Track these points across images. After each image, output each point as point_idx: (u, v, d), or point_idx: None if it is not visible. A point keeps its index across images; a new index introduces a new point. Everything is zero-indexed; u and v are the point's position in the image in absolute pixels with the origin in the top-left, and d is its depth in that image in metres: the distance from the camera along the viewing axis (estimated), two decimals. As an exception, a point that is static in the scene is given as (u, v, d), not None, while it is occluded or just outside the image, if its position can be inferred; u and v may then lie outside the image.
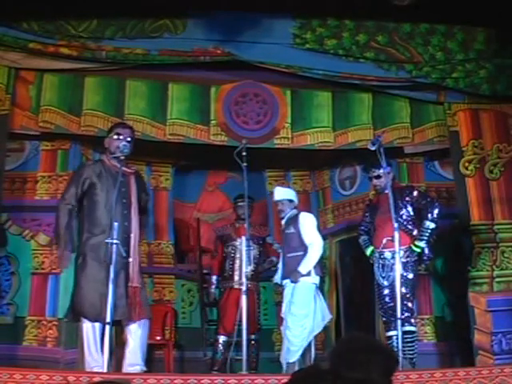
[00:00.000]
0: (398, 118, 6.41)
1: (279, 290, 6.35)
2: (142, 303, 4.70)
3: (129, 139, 4.88)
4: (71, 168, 6.35)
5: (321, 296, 5.77)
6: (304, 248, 5.66)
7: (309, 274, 5.60)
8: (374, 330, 6.53)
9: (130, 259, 4.69)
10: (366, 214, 5.89)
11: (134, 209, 4.80)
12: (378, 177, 5.64)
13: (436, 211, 5.53)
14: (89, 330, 4.58)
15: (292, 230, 5.75)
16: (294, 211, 5.89)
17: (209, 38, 6.01)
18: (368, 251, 5.72)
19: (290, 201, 5.91)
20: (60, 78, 6.10)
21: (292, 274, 5.58)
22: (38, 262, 6.16)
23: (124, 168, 4.83)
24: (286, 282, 5.66)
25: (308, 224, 5.76)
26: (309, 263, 5.59)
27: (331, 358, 2.37)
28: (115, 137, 4.87)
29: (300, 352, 5.45)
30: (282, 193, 5.95)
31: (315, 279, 5.65)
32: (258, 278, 6.27)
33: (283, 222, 5.88)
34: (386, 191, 5.48)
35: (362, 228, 5.88)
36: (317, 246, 5.66)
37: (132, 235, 4.75)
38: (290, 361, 5.43)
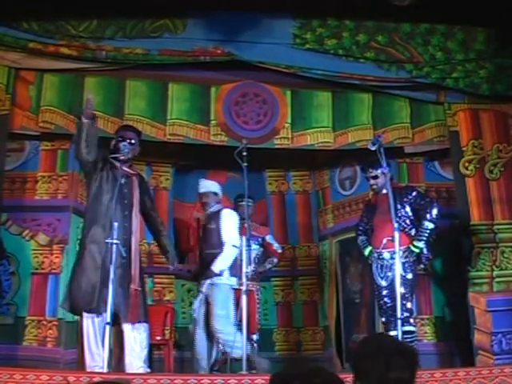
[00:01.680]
0: (398, 118, 6.42)
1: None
2: (140, 305, 4.70)
3: (132, 141, 4.91)
4: (71, 168, 6.35)
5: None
6: (222, 246, 5.60)
7: (221, 274, 5.53)
8: (373, 330, 6.53)
9: (132, 260, 4.70)
10: (364, 215, 5.87)
11: (135, 210, 4.81)
12: (375, 177, 5.61)
13: (435, 211, 5.52)
14: (89, 325, 4.60)
15: (213, 225, 5.68)
16: (218, 206, 5.84)
17: (209, 38, 6.02)
18: (366, 251, 5.68)
19: (215, 194, 5.85)
20: (60, 77, 6.10)
21: (207, 271, 5.51)
22: (38, 262, 6.16)
23: (125, 169, 4.84)
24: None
25: (229, 222, 5.69)
26: (222, 262, 5.53)
27: (354, 359, 2.36)
28: (119, 138, 4.91)
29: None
30: (206, 185, 5.89)
31: (230, 280, 5.59)
32: (258, 278, 6.26)
33: (205, 215, 5.79)
34: (384, 191, 5.47)
35: (360, 228, 5.85)
36: (232, 247, 5.58)
37: (133, 237, 4.75)
38: (237, 356, 5.31)
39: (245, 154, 5.34)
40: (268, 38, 6.05)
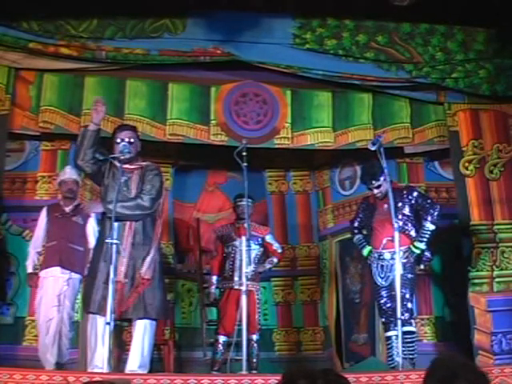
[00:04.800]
0: (398, 118, 6.42)
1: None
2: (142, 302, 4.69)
3: (131, 140, 4.86)
4: (71, 168, 6.36)
5: None
6: (84, 243, 5.59)
7: None
8: (373, 330, 6.54)
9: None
10: (360, 213, 5.83)
11: None
12: (379, 186, 5.57)
13: (436, 213, 5.52)
14: (92, 325, 4.59)
15: (80, 219, 5.61)
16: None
17: (209, 38, 6.02)
18: (365, 251, 5.65)
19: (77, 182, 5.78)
20: (60, 77, 6.11)
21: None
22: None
23: (126, 166, 4.81)
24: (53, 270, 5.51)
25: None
26: None
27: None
28: (117, 140, 4.86)
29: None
30: (70, 172, 5.76)
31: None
32: (258, 278, 6.26)
33: (72, 206, 5.68)
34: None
35: (356, 226, 5.81)
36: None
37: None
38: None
39: (245, 153, 5.34)
40: (268, 38, 6.06)
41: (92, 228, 5.68)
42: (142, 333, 4.68)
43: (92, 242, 5.52)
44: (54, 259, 5.54)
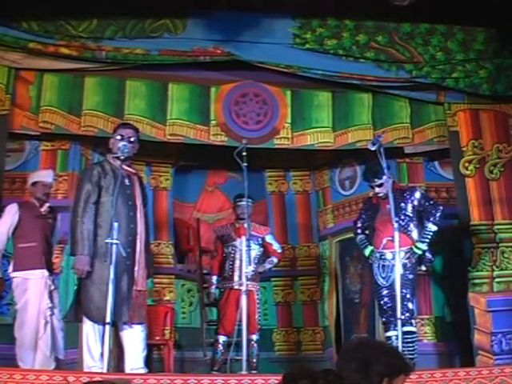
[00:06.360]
0: (398, 118, 6.43)
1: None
2: (143, 306, 4.69)
3: (132, 139, 4.85)
4: (71, 168, 6.37)
5: None
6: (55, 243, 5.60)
7: None
8: (373, 330, 6.54)
9: (136, 261, 4.68)
10: (363, 213, 5.84)
11: (139, 211, 4.76)
12: (381, 185, 5.56)
13: (438, 214, 5.51)
14: (89, 331, 4.57)
15: (51, 220, 5.55)
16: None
17: (209, 38, 6.03)
18: (367, 251, 5.66)
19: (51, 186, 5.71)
20: (60, 78, 6.11)
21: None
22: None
23: (127, 168, 4.80)
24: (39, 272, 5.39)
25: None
26: None
27: (338, 360, 2.37)
28: (118, 137, 4.83)
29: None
30: (51, 176, 5.70)
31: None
32: (258, 278, 6.26)
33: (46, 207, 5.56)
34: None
35: (359, 226, 5.82)
36: None
37: (138, 238, 4.73)
38: None
39: (245, 154, 5.34)
40: (268, 37, 6.06)
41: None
42: (143, 336, 4.69)
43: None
44: (39, 261, 5.38)
